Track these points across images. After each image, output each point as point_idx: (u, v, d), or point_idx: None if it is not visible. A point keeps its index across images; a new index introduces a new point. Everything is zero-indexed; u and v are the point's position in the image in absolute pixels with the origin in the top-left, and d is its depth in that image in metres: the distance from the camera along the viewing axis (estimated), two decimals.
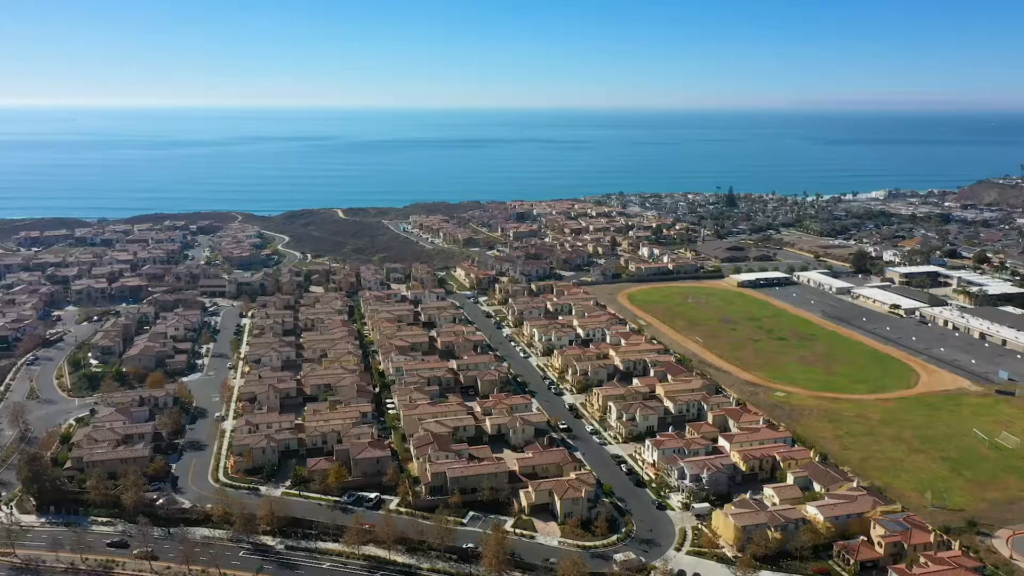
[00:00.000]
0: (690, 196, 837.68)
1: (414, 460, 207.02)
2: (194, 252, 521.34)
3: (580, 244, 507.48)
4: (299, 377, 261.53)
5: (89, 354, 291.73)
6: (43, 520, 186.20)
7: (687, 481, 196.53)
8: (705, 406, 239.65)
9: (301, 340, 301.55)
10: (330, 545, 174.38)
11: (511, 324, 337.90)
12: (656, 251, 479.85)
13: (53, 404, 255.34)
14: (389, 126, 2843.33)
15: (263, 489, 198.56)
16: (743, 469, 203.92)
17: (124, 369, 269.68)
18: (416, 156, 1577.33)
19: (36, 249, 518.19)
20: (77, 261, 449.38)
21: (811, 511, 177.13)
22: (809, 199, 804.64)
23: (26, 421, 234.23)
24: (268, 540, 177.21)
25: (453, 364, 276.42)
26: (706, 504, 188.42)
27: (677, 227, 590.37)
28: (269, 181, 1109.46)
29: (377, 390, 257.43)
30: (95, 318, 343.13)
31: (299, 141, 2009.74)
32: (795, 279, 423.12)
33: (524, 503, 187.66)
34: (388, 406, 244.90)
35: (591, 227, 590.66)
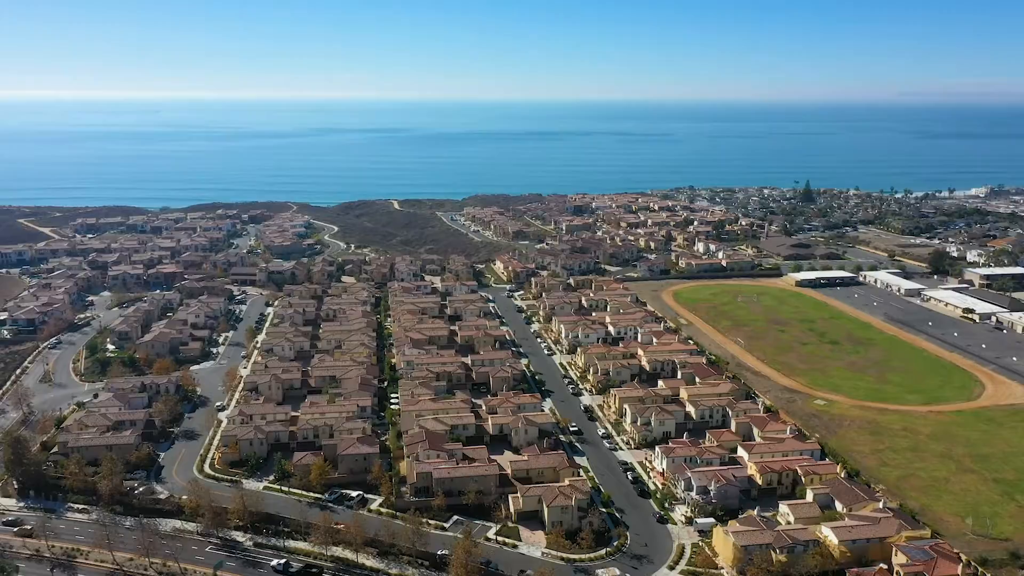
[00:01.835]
0: (766, 191, 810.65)
1: (405, 459, 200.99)
2: (240, 241, 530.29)
3: (632, 239, 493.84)
4: (307, 368, 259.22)
5: (107, 339, 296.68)
6: (21, 505, 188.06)
7: (693, 493, 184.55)
8: (730, 412, 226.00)
9: (320, 330, 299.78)
10: (300, 544, 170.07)
11: (541, 319, 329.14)
12: (712, 247, 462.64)
13: (64, 388, 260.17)
14: (460, 119, 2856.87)
15: (246, 482, 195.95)
16: (759, 482, 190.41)
17: (136, 355, 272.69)
18: (484, 149, 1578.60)
19: (90, 236, 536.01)
20: (121, 248, 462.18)
21: (825, 532, 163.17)
22: (898, 195, 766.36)
23: (29, 404, 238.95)
24: (238, 536, 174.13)
25: (468, 360, 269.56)
26: (711, 519, 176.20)
27: (742, 222, 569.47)
28: (333, 172, 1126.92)
29: (385, 384, 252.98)
30: (125, 304, 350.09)
31: (369, 133, 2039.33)
32: (860, 279, 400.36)
33: (512, 509, 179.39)
34: (393, 401, 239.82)
35: (649, 221, 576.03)
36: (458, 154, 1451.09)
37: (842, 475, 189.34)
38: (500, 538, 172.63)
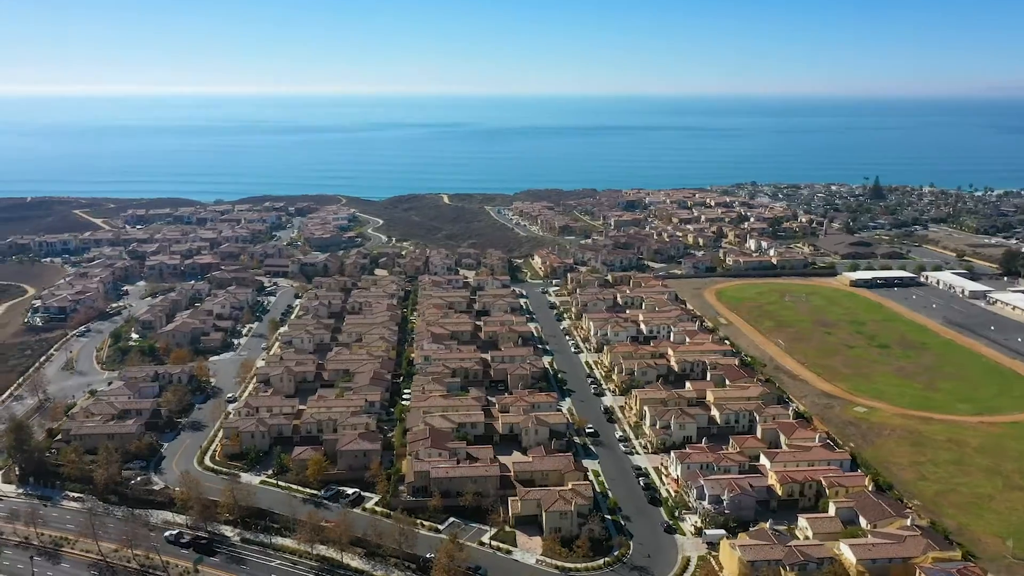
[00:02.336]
0: (833, 187, 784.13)
1: (406, 456, 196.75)
2: (283, 233, 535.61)
3: (680, 235, 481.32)
4: (322, 361, 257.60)
5: (132, 329, 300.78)
6: (20, 491, 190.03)
7: (705, 502, 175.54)
8: (757, 417, 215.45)
9: (343, 323, 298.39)
10: (287, 541, 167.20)
11: (573, 316, 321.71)
12: (765, 244, 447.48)
13: (84, 376, 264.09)
14: (520, 113, 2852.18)
15: (244, 476, 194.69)
16: (779, 493, 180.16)
17: (156, 344, 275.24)
18: (541, 143, 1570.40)
19: (139, 227, 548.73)
20: (163, 238, 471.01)
21: (843, 550, 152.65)
22: (977, 193, 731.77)
23: (45, 391, 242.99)
24: (227, 530, 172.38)
25: (488, 356, 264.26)
26: (721, 531, 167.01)
27: (801, 219, 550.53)
28: (389, 167, 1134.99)
29: (400, 379, 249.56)
30: (158, 294, 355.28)
31: (428, 128, 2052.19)
32: (921, 279, 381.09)
33: (510, 512, 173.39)
34: (405, 396, 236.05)
35: (703, 217, 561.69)
36: (514, 149, 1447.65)
37: (870, 488, 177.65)
38: (495, 543, 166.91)
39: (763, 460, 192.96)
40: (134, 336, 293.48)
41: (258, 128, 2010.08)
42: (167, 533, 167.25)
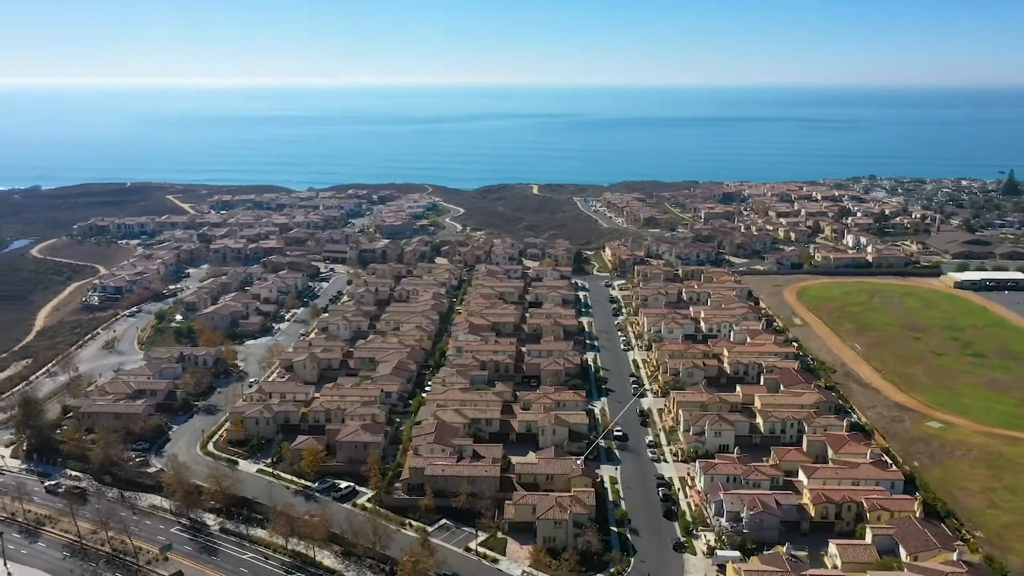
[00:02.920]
0: (964, 182, 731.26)
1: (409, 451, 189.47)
2: (360, 220, 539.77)
3: (771, 228, 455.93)
4: (352, 348, 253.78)
5: (177, 311, 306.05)
6: (24, 466, 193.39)
7: (723, 519, 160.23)
8: (807, 428, 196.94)
9: (384, 311, 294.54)
10: (264, 533, 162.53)
11: (630, 311, 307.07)
12: (864, 240, 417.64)
13: (121, 355, 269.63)
14: (632, 104, 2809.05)
15: (242, 463, 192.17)
16: (812, 514, 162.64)
17: (193, 326, 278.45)
18: (650, 134, 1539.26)
19: (223, 212, 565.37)
20: (236, 223, 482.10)
21: None
22: None
23: (76, 368, 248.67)
24: (210, 518, 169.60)
25: (525, 349, 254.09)
26: (736, 552, 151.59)
27: (914, 215, 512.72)
28: (489, 156, 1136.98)
29: (430, 369, 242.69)
30: (214, 277, 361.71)
31: (536, 118, 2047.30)
32: None
33: (505, 517, 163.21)
34: (428, 388, 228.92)
35: (803, 211, 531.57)
36: (618, 139, 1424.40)
37: (918, 513, 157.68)
38: (483, 549, 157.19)
39: (801, 476, 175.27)
40: (177, 318, 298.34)
41: (365, 118, 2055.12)
42: (46, 483, 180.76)
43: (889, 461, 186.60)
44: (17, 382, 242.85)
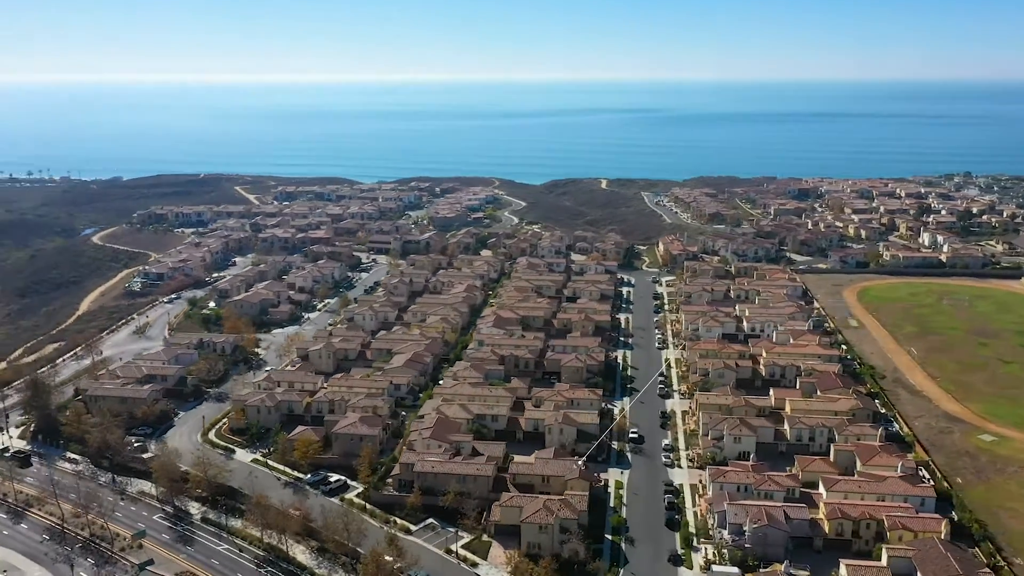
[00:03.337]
0: None
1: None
2: (418, 212, 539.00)
3: (840, 225, 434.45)
4: (371, 339, 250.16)
5: (211, 298, 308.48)
6: (28, 447, 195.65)
7: (726, 532, 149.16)
8: (837, 436, 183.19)
9: (415, 302, 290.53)
10: (242, 525, 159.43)
11: (674, 308, 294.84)
12: (941, 239, 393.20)
13: (150, 341, 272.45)
14: (720, 98, 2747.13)
15: (239, 452, 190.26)
16: (826, 530, 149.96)
17: (221, 313, 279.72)
18: (738, 129, 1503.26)
19: (286, 203, 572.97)
20: (291, 213, 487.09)
21: None
22: None
23: (101, 352, 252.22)
24: (195, 507, 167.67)
25: (550, 344, 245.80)
26: (734, 569, 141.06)
27: (1004, 213, 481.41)
28: (567, 150, 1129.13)
29: (447, 361, 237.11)
30: (256, 265, 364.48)
31: (623, 113, 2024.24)
32: None
33: (491, 519, 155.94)
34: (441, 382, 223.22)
35: (882, 208, 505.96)
36: (702, 134, 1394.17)
37: (943, 534, 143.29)
38: (464, 552, 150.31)
39: (821, 488, 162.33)
40: (210, 305, 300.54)
41: (459, 113, 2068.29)
42: None
43: (926, 475, 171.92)
44: (42, 364, 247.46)
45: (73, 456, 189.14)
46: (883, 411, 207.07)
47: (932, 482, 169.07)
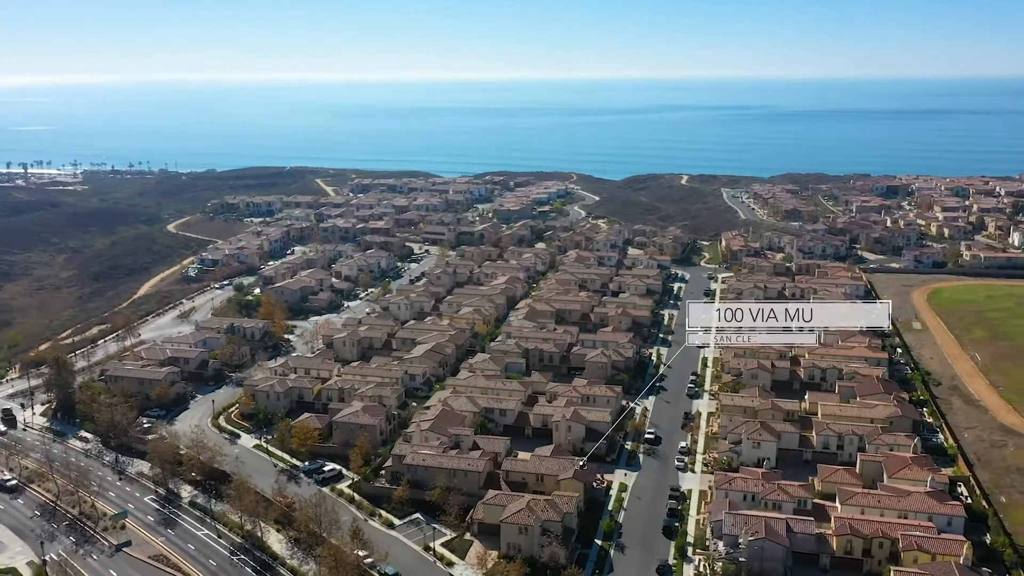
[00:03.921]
0: None
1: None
2: (486, 205, 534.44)
3: (922, 223, 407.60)
4: (399, 328, 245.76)
5: (257, 284, 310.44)
6: (47, 424, 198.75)
7: (721, 544, 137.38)
8: (868, 445, 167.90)
9: (453, 293, 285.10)
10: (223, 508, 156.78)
11: None
12: None
13: (190, 325, 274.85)
14: (820, 97, 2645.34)
15: (244, 437, 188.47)
16: (834, 548, 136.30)
17: (261, 299, 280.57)
18: (838, 126, 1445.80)
19: (360, 195, 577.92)
20: (358, 204, 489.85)
21: None
22: None
23: (139, 335, 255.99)
24: (187, 490, 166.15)
25: (579, 339, 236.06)
26: None
27: None
28: (650, 147, 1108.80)
29: (472, 353, 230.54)
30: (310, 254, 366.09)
31: (713, 111, 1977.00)
32: None
33: (475, 517, 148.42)
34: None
35: (975, 206, 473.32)
36: (801, 131, 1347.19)
37: (963, 558, 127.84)
38: (442, 550, 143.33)
39: (837, 500, 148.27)
40: (256, 291, 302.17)
41: (547, 110, 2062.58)
42: None
43: (964, 493, 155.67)
44: (82, 346, 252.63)
45: (85, 434, 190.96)
46: (929, 420, 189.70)
47: (969, 499, 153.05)
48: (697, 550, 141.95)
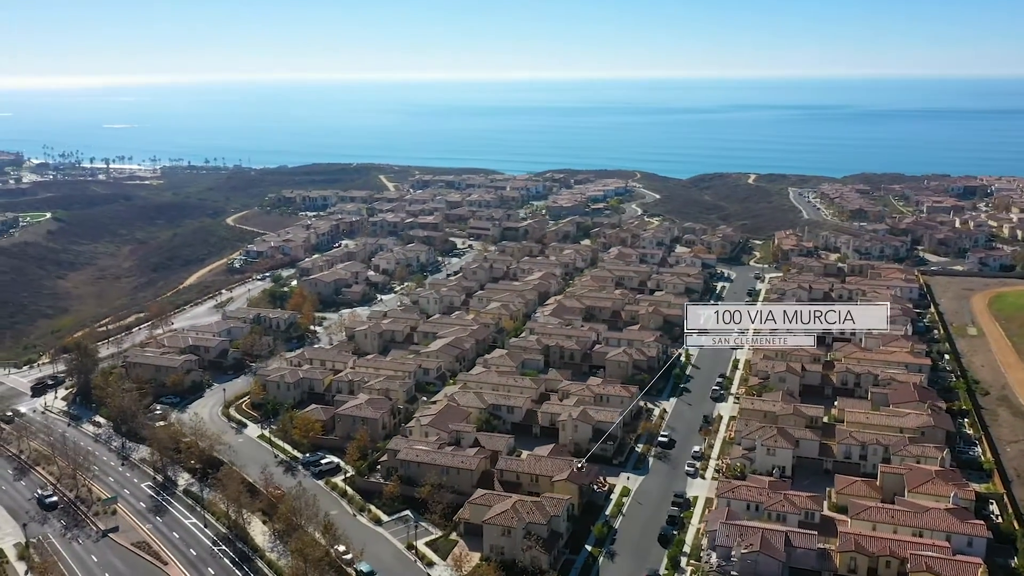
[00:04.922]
0: None
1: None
2: (541, 202, 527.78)
3: (994, 225, 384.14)
4: (423, 322, 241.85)
5: (295, 276, 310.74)
6: (65, 408, 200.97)
7: (714, 555, 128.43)
8: (892, 456, 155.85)
9: (485, 288, 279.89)
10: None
11: None
12: None
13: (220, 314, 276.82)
14: (906, 95, 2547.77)
15: (250, 427, 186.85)
16: (836, 565, 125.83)
17: (294, 290, 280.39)
18: (928, 126, 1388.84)
19: (418, 191, 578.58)
20: (411, 199, 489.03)
21: None
22: None
23: (171, 323, 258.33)
24: (184, 477, 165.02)
25: (603, 336, 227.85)
26: None
27: None
28: (724, 146, 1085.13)
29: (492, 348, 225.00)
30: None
31: (796, 110, 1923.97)
32: None
33: (462, 517, 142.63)
34: None
35: None
36: (880, 131, 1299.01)
37: None
38: (425, 550, 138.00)
39: (848, 514, 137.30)
40: (292, 283, 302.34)
41: (621, 109, 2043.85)
42: None
43: (995, 511, 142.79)
44: (116, 333, 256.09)
45: (99, 419, 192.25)
46: (968, 431, 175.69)
47: (1000, 519, 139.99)
48: (691, 561, 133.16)
